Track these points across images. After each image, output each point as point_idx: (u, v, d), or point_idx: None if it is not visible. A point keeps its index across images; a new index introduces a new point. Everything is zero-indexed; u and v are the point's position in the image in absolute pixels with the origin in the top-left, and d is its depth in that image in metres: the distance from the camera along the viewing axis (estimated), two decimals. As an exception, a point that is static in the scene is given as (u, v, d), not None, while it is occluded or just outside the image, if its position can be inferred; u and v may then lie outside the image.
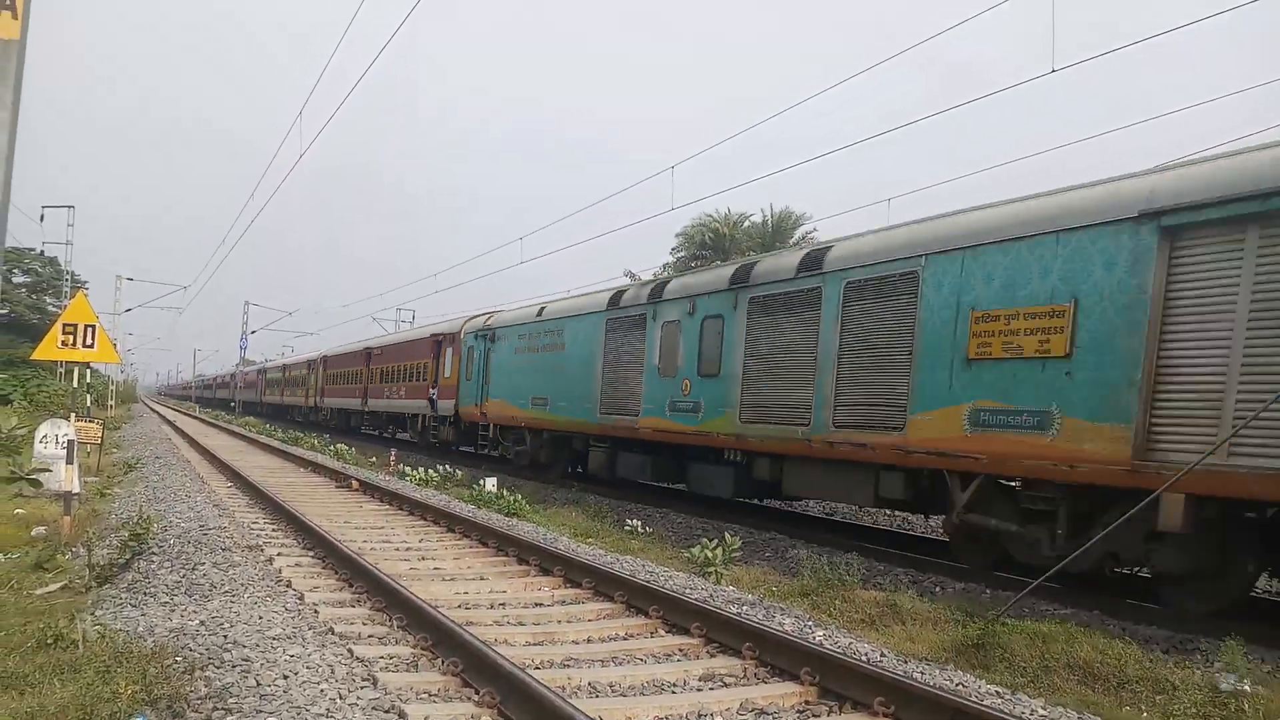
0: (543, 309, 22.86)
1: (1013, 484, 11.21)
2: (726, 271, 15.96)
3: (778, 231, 49.82)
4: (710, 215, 51.59)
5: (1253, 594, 11.12)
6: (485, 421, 25.91)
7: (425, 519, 14.15)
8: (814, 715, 5.88)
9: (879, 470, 12.66)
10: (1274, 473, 8.22)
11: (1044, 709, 6.22)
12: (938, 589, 12.14)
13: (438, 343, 29.86)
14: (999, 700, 6.32)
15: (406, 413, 33.93)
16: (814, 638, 7.69)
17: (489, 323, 25.84)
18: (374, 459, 29.00)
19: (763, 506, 20.31)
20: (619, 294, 19.31)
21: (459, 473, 23.12)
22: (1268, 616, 10.38)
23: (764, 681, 6.49)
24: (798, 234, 49.99)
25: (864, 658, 7.08)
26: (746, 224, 51.59)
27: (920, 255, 11.72)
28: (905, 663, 7.27)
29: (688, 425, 16.30)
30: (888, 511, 20.29)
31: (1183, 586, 10.07)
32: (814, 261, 13.60)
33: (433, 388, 30.12)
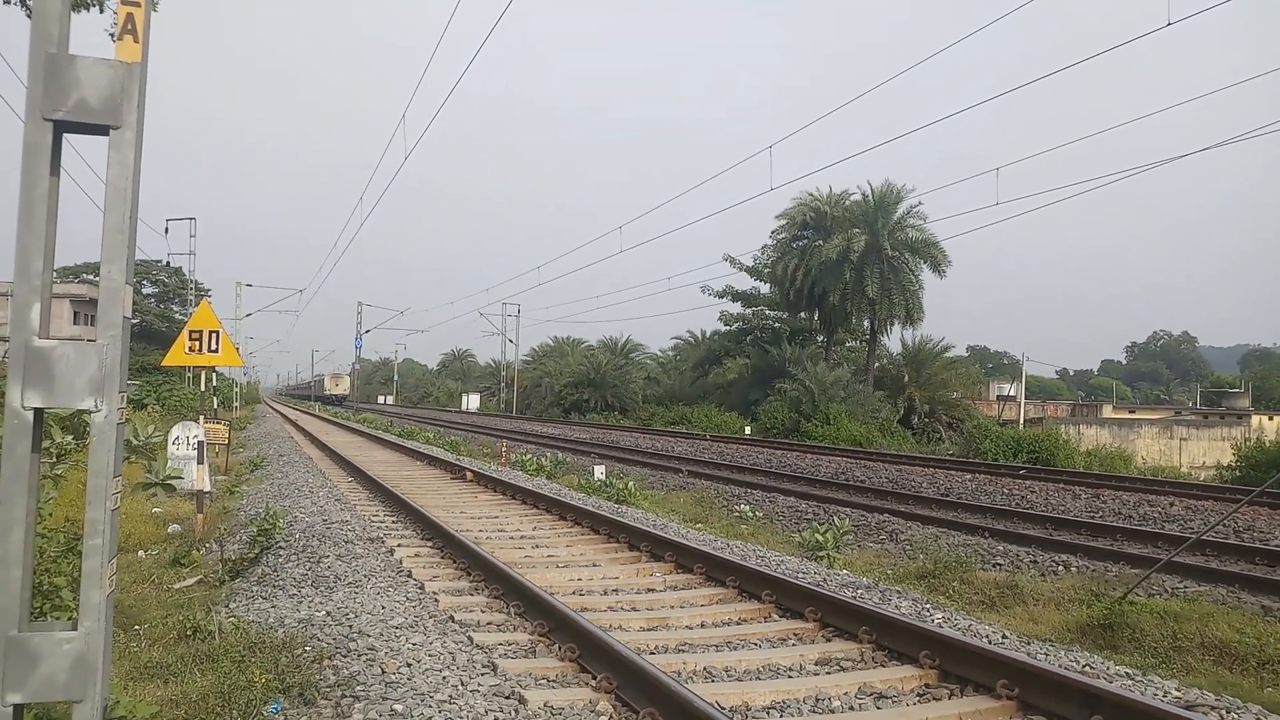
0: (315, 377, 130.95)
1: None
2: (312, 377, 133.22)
3: (880, 206, 48.84)
4: (811, 194, 50.89)
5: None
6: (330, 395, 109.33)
7: (537, 507, 14.38)
8: (935, 698, 5.77)
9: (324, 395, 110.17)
10: None
11: (1177, 690, 5.98)
12: (1060, 568, 11.81)
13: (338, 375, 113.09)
14: (1129, 682, 6.10)
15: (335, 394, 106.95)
16: (932, 620, 7.55)
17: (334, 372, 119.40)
18: (487, 450, 29.60)
19: (872, 486, 20.09)
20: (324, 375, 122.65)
21: (568, 459, 23.50)
22: None
23: (882, 665, 6.39)
24: (901, 208, 48.95)
25: (985, 639, 6.93)
26: (848, 202, 50.72)
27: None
28: (1028, 644, 7.08)
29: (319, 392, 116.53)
30: (1006, 489, 19.84)
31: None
32: (306, 382, 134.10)
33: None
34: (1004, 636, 7.28)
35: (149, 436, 18.69)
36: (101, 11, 11.82)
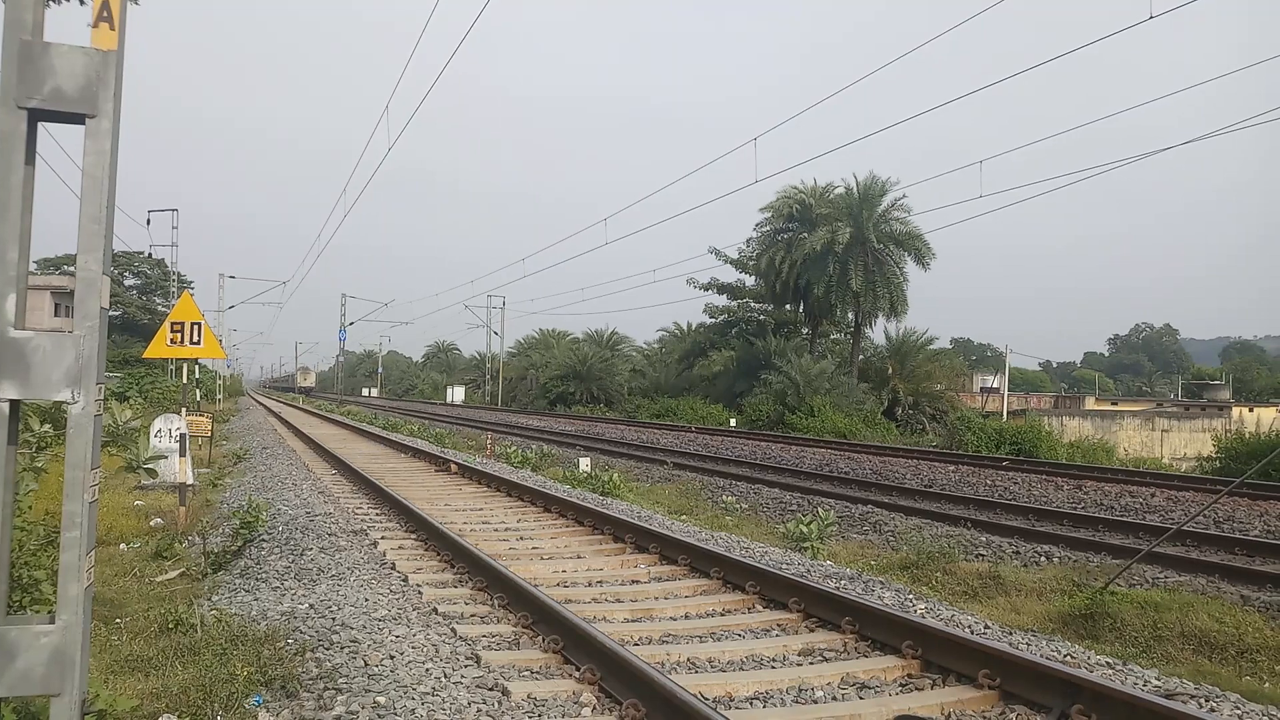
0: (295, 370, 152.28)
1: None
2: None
3: (864, 199, 48.91)
4: (796, 187, 50.93)
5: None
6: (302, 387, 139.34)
7: (522, 500, 14.36)
8: (917, 689, 5.81)
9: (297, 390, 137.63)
10: None
11: (1157, 679, 6.03)
12: (1042, 558, 11.87)
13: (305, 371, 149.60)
14: (1109, 671, 6.15)
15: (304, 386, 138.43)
16: (915, 610, 7.59)
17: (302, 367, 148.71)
18: (472, 443, 29.55)
19: (856, 478, 20.17)
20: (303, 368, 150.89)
21: (553, 451, 23.55)
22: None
23: (865, 656, 6.43)
24: (885, 200, 49.04)
25: (967, 630, 6.96)
26: (833, 195, 50.77)
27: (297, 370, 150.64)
28: (1010, 634, 7.12)
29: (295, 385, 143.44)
30: (989, 480, 19.92)
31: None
32: (289, 375, 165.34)
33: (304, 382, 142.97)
34: (986, 627, 7.33)
35: (126, 422, 18.56)
36: (82, 3, 11.72)
